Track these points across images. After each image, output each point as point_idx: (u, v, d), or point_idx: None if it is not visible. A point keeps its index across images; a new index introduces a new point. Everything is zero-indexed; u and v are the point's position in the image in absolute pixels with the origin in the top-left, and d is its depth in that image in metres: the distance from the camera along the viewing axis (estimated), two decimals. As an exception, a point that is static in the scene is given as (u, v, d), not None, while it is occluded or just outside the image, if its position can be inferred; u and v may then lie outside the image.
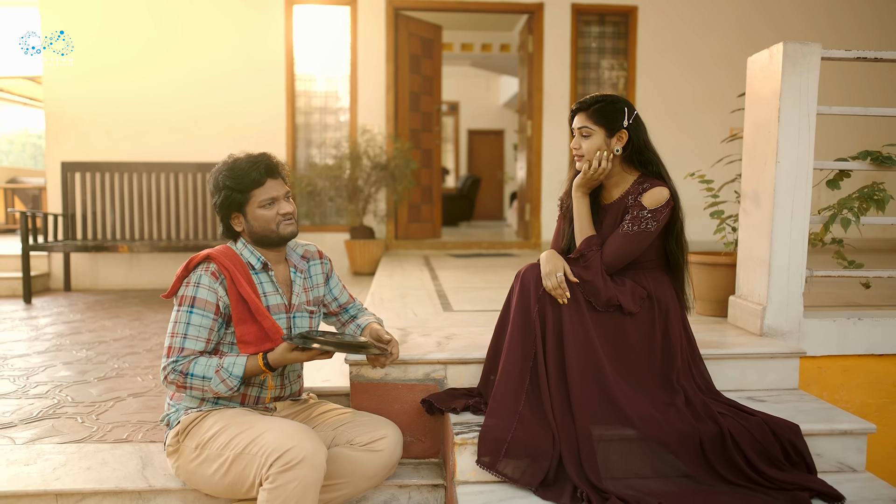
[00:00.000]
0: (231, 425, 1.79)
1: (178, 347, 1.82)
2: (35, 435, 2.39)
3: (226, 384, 1.80)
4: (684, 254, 2.11)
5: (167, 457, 1.93)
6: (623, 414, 1.89)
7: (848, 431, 1.98)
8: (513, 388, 1.93)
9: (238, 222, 1.95)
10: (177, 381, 1.81)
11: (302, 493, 1.64)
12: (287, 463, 1.64)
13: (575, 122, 2.09)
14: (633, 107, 2.08)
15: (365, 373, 2.18)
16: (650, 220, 1.99)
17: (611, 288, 2.01)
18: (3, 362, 3.38)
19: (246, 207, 1.91)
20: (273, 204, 1.91)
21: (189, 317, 1.83)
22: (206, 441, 1.80)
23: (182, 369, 1.80)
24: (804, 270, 2.47)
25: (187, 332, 1.82)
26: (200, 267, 1.89)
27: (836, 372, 2.50)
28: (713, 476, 1.84)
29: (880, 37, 6.48)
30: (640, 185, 2.05)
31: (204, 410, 1.88)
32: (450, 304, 3.28)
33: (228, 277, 1.88)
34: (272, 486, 1.65)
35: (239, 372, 1.81)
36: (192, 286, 1.86)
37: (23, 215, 5.06)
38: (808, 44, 2.38)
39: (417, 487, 2.09)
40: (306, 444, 1.67)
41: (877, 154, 2.52)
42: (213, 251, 1.92)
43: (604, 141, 2.05)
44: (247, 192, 1.89)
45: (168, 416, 1.94)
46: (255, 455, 1.69)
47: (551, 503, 1.75)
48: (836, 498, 1.76)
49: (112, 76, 5.96)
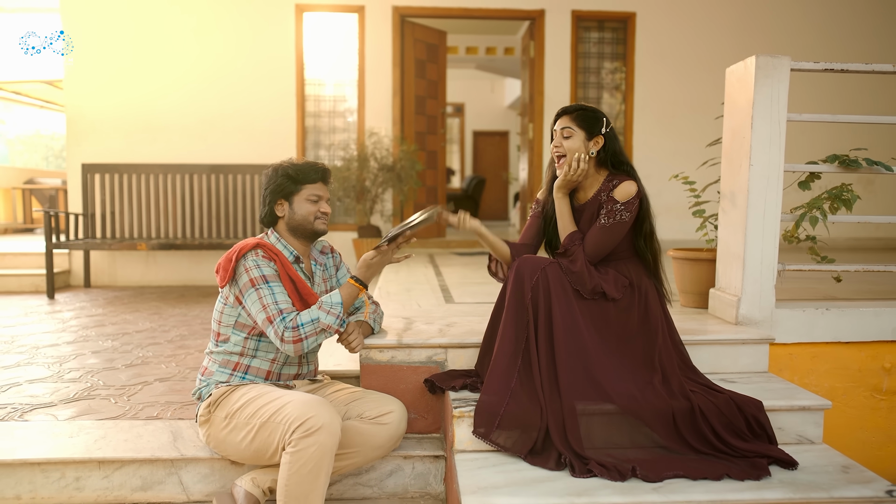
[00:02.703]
0: (258, 397, 2.02)
1: (277, 311, 2.04)
2: (74, 413, 2.64)
3: (331, 314, 2.07)
4: (654, 252, 2.33)
5: (199, 426, 2.17)
6: (604, 391, 2.12)
7: (806, 407, 2.20)
8: (506, 366, 2.16)
9: (282, 209, 2.21)
10: (293, 336, 2.03)
11: (320, 456, 1.88)
12: (308, 430, 1.87)
13: (558, 124, 2.33)
14: (611, 121, 2.33)
15: (374, 356, 2.42)
16: (623, 211, 2.23)
17: (595, 277, 2.23)
18: (36, 351, 3.63)
19: (294, 197, 2.19)
20: (318, 201, 2.20)
21: (270, 288, 2.07)
22: (235, 411, 2.03)
23: (292, 324, 2.03)
24: (776, 265, 2.68)
25: (277, 300, 2.06)
26: (251, 253, 2.12)
27: (806, 358, 2.71)
28: (684, 446, 2.06)
29: (873, 41, 6.67)
30: (610, 182, 2.29)
31: (233, 384, 2.12)
32: (452, 297, 3.51)
33: (277, 262, 2.13)
34: (294, 449, 1.88)
35: (338, 299, 2.10)
36: (255, 268, 2.09)
37: (46, 215, 5.32)
38: (779, 57, 2.60)
39: (420, 458, 2.32)
40: (325, 414, 1.90)
41: (844, 157, 2.73)
42: (259, 240, 2.16)
43: (583, 143, 2.28)
44: (301, 184, 2.19)
45: (200, 389, 2.17)
46: (279, 423, 1.92)
47: (538, 468, 1.97)
48: (790, 463, 1.98)
49: (130, 81, 6.22)
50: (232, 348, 2.16)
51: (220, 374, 2.15)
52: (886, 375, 2.73)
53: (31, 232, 9.52)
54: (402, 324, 2.71)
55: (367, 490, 2.31)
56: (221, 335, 2.18)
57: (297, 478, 1.87)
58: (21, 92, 10.21)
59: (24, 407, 2.70)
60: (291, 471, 1.87)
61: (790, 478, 1.92)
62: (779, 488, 1.85)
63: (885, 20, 6.73)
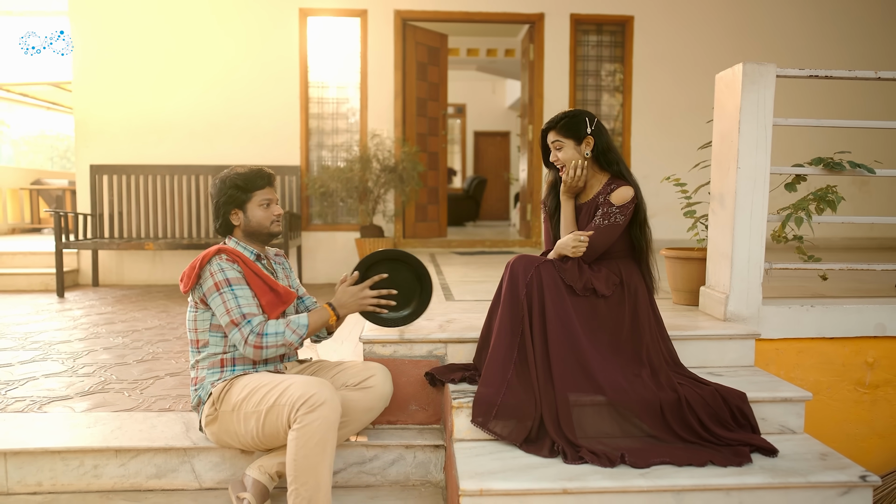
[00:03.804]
0: (259, 386, 2.14)
1: (241, 315, 2.16)
2: (90, 405, 2.76)
3: (296, 333, 2.19)
4: (647, 240, 2.45)
5: (206, 427, 2.25)
6: (597, 383, 2.23)
7: (788, 399, 2.31)
8: (503, 360, 2.27)
9: (237, 218, 2.33)
10: (256, 342, 2.14)
11: (326, 429, 2.00)
12: (311, 406, 2.00)
13: (548, 139, 2.47)
14: (594, 116, 2.44)
15: (376, 350, 2.54)
16: (618, 214, 2.34)
17: (587, 274, 2.35)
18: (50, 347, 3.75)
19: (247, 205, 2.32)
20: (269, 206, 2.34)
21: (233, 292, 2.18)
22: (240, 402, 2.15)
23: (259, 331, 2.15)
24: (763, 263, 2.79)
25: (240, 303, 2.17)
26: (215, 258, 2.24)
27: (792, 353, 2.83)
28: (671, 435, 2.17)
29: (867, 44, 6.77)
30: (609, 185, 2.41)
31: (227, 379, 2.22)
32: (452, 295, 3.62)
33: (240, 262, 2.26)
34: (300, 425, 2.00)
35: (304, 321, 2.21)
36: (219, 272, 2.20)
37: (56, 215, 5.44)
38: (765, 64, 2.71)
39: (422, 448, 2.43)
40: (325, 391, 2.03)
41: (829, 160, 2.84)
42: (220, 246, 2.29)
43: (574, 149, 2.40)
44: (251, 192, 2.31)
45: (198, 396, 2.27)
46: (284, 405, 2.05)
47: (533, 455, 2.08)
48: (771, 451, 2.09)
49: (137, 84, 6.34)
50: (214, 349, 2.26)
51: (212, 375, 2.25)
52: (869, 370, 2.84)
53: (39, 232, 9.65)
54: (403, 320, 2.82)
55: (370, 478, 2.43)
56: (200, 341, 2.28)
57: (305, 451, 1.99)
58: (27, 93, 10.34)
59: (42, 399, 2.82)
60: (299, 445, 1.99)
61: (771, 464, 2.03)
62: (759, 474, 1.96)
63: (880, 24, 6.83)
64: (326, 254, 6.55)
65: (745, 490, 1.94)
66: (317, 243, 6.57)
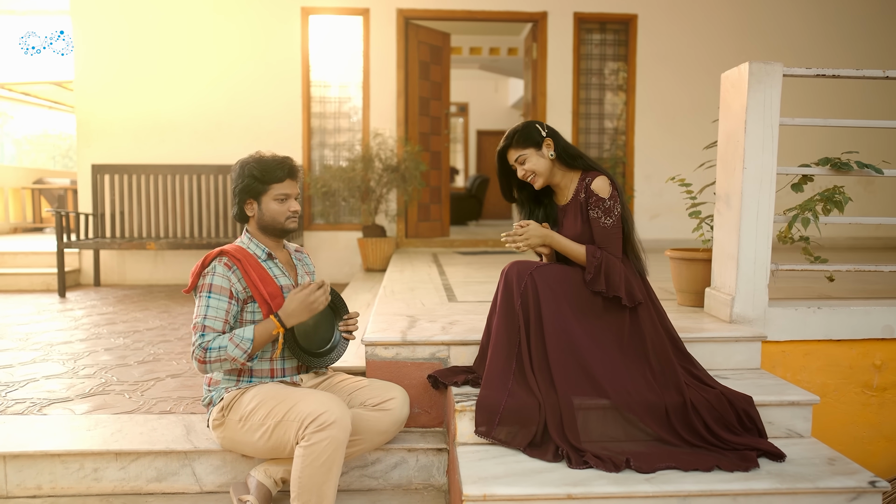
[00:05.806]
0: (269, 398, 2.09)
1: (201, 326, 2.10)
2: (90, 407, 2.74)
3: (240, 348, 2.05)
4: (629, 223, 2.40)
5: (213, 430, 2.22)
6: (600, 386, 2.20)
7: (795, 402, 2.28)
8: (502, 368, 2.24)
9: (251, 208, 2.24)
10: (199, 356, 2.05)
11: (333, 449, 1.96)
12: (320, 425, 1.95)
13: (510, 158, 2.42)
14: (543, 122, 2.42)
15: (379, 352, 2.51)
16: (614, 205, 2.32)
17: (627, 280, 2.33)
18: (51, 348, 3.73)
19: (262, 197, 2.21)
20: (286, 200, 2.22)
21: (208, 300, 2.12)
22: (248, 413, 2.10)
23: (204, 345, 2.06)
24: (769, 264, 2.76)
25: (206, 314, 2.11)
26: (216, 260, 2.19)
27: (799, 355, 2.79)
28: (677, 439, 2.14)
29: (871, 44, 6.73)
30: (583, 180, 2.39)
31: (241, 388, 2.18)
32: (455, 296, 3.60)
33: (241, 267, 2.18)
34: (307, 444, 1.96)
35: (249, 335, 2.07)
36: (209, 275, 2.16)
37: (57, 215, 5.43)
38: (771, 63, 2.68)
39: (424, 451, 2.41)
40: (336, 410, 1.98)
41: (836, 160, 2.81)
42: (226, 247, 2.23)
43: (537, 156, 2.38)
44: (268, 184, 2.20)
45: (210, 397, 2.23)
46: (293, 421, 2.00)
47: (537, 459, 2.06)
48: (778, 456, 2.07)
49: (139, 83, 6.33)
50: None
51: (227, 381, 2.21)
52: (877, 372, 2.81)
53: (41, 231, 9.64)
54: (406, 322, 2.80)
55: (373, 482, 2.40)
56: None
57: (311, 470, 1.96)
58: (29, 93, 10.34)
59: (42, 402, 2.80)
60: (305, 463, 1.96)
61: (778, 469, 2.00)
62: (766, 479, 1.94)
63: (883, 23, 6.79)
64: (329, 253, 6.53)
65: (752, 496, 1.92)
66: (319, 243, 6.55)
